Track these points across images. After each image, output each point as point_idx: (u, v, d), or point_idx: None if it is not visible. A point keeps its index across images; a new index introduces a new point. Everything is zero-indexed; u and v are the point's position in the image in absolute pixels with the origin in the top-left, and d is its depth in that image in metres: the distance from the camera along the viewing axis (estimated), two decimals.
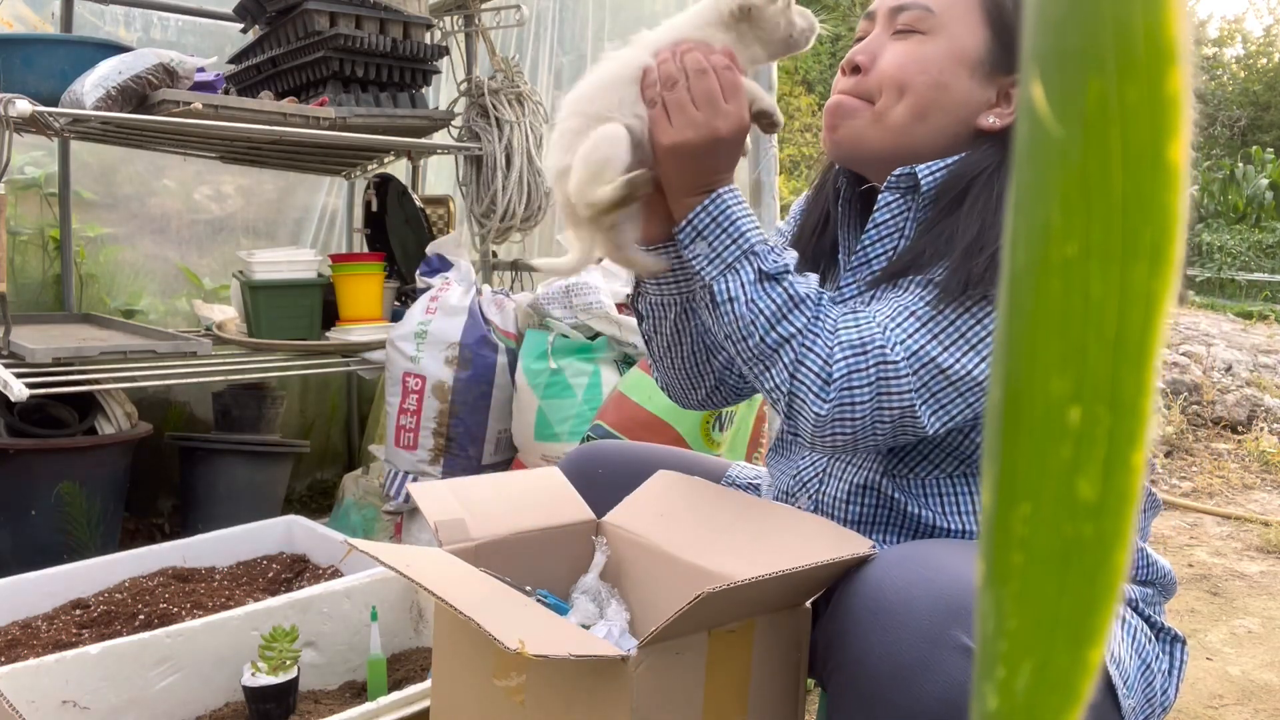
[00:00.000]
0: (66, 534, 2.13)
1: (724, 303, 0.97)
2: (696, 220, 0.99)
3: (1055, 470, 0.15)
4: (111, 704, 1.36)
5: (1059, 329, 0.15)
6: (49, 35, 2.60)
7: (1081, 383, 0.15)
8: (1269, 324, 7.22)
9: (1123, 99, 0.14)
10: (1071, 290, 0.15)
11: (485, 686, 0.95)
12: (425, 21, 2.51)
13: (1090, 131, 0.14)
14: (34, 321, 2.49)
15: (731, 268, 0.97)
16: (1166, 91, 0.14)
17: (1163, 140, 0.14)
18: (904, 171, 1.04)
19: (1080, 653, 0.15)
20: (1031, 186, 0.15)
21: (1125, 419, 0.15)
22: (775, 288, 0.96)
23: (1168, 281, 0.15)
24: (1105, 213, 0.14)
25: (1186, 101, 0.14)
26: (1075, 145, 0.14)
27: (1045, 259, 0.15)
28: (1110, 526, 0.15)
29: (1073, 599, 0.15)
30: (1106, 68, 0.14)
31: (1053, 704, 0.15)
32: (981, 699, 0.16)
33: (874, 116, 1.06)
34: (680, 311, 1.13)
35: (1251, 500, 3.50)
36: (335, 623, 1.58)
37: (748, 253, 0.97)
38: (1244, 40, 23.49)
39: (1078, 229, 0.15)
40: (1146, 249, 0.14)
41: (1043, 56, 0.15)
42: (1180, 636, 1.07)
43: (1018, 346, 0.15)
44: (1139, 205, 0.14)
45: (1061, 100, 0.15)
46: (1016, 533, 0.15)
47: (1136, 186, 0.14)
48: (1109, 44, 0.14)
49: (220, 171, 3.06)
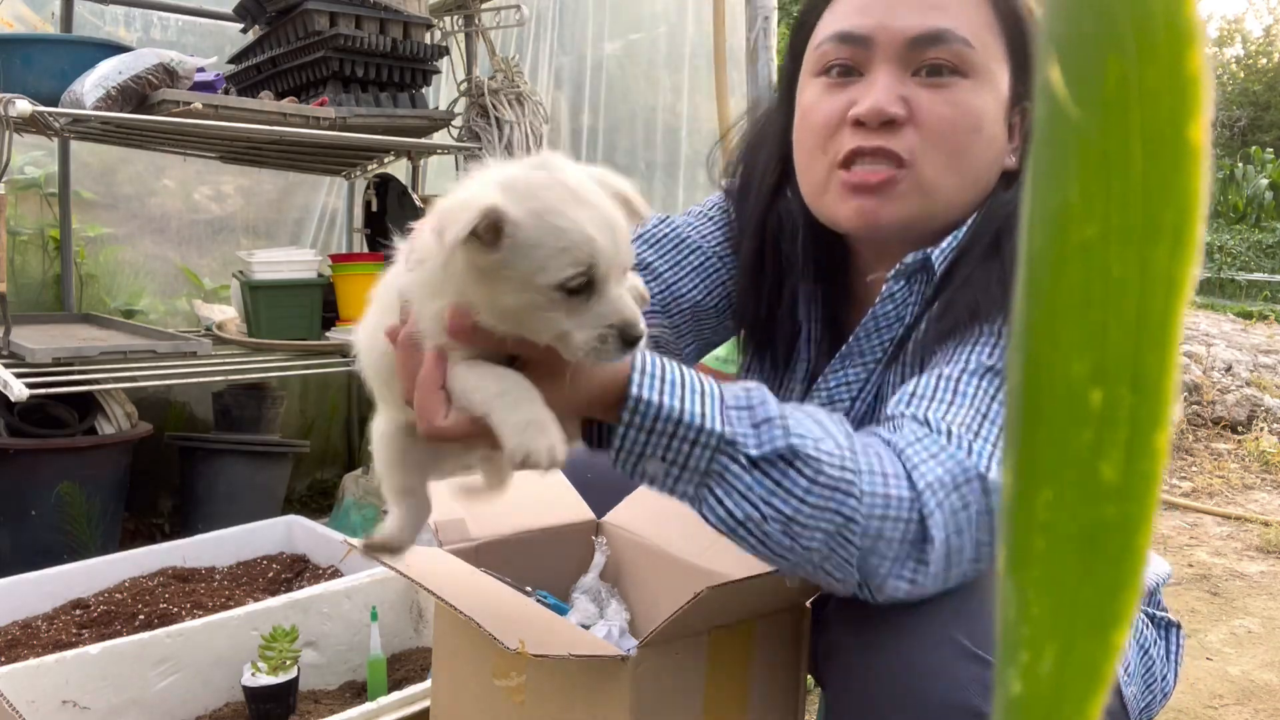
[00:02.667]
0: (66, 534, 2.13)
1: (734, 529, 0.71)
2: (626, 444, 0.69)
3: (1077, 454, 0.15)
4: (111, 704, 1.36)
5: (1079, 311, 0.15)
6: (49, 35, 2.60)
7: (1103, 365, 0.15)
8: (1269, 324, 7.22)
9: (1142, 80, 0.14)
10: (1091, 272, 0.15)
11: (486, 686, 0.95)
12: (425, 21, 2.51)
13: (1110, 112, 0.14)
14: (34, 321, 2.49)
15: (710, 476, 0.69)
16: (1187, 71, 0.14)
17: (1183, 120, 0.14)
18: (917, 258, 0.88)
19: (1105, 636, 0.15)
20: (1049, 169, 0.15)
21: (1148, 400, 0.15)
22: (787, 474, 0.69)
23: (1189, 262, 0.14)
24: (1125, 194, 0.14)
25: (1207, 82, 0.14)
26: (1094, 126, 0.14)
27: (1064, 241, 0.15)
28: (1134, 509, 0.15)
29: (1096, 583, 0.15)
30: (1126, 49, 0.14)
31: (1078, 687, 0.15)
32: (1004, 684, 0.16)
33: (917, 189, 0.86)
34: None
35: (1251, 500, 3.50)
36: (335, 623, 1.58)
37: (720, 448, 0.69)
38: (1244, 40, 23.53)
39: (1097, 211, 0.14)
40: (1167, 230, 0.14)
41: (1060, 39, 0.15)
42: (1175, 622, 1.07)
43: (1037, 329, 0.15)
44: (1160, 186, 0.14)
45: (1080, 82, 0.14)
46: (1039, 518, 0.15)
47: (1157, 167, 0.14)
48: (1128, 26, 0.14)
49: (220, 171, 3.06)
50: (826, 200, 0.90)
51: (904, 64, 0.86)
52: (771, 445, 0.69)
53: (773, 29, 2.32)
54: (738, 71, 2.66)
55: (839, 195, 0.88)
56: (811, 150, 0.91)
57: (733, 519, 0.70)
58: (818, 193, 0.91)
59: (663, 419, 0.68)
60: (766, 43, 2.31)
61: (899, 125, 0.85)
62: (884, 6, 0.86)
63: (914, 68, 0.86)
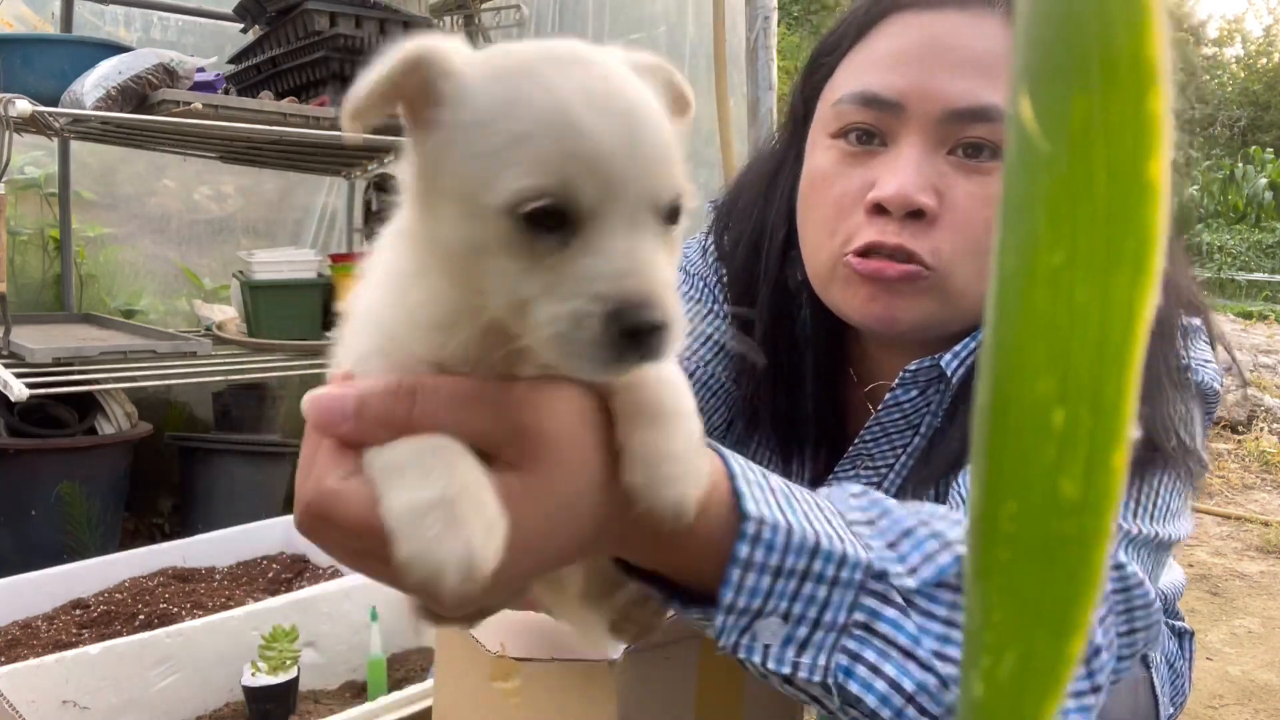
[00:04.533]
0: (66, 534, 2.14)
1: (899, 712, 0.50)
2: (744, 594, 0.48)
3: (1040, 470, 0.16)
4: (111, 704, 1.36)
5: (1045, 333, 0.16)
6: (49, 35, 2.60)
7: (1065, 385, 0.15)
8: (1269, 324, 7.22)
9: (1106, 117, 0.15)
10: (1058, 297, 0.15)
11: (484, 688, 0.96)
12: (425, 21, 2.52)
13: (1076, 147, 0.15)
14: (34, 321, 2.49)
15: (852, 631, 0.49)
16: (1148, 110, 0.15)
17: (1144, 157, 0.15)
18: (924, 365, 0.76)
19: (1062, 643, 0.16)
20: (1020, 198, 0.16)
21: (1106, 421, 0.15)
22: (957, 604, 0.50)
23: (1148, 290, 0.15)
24: (1090, 224, 0.15)
25: (1167, 120, 0.15)
26: (1062, 160, 0.15)
27: (1033, 267, 0.16)
28: (1091, 524, 0.16)
29: (1055, 593, 0.16)
30: (1091, 86, 0.15)
31: (1035, 691, 0.16)
32: (968, 686, 0.16)
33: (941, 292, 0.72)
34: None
35: (1251, 500, 3.51)
36: (335, 623, 1.59)
37: (865, 585, 0.49)
38: (1244, 40, 23.54)
39: (1064, 239, 0.15)
40: (1129, 259, 0.15)
41: (1031, 73, 0.15)
42: (1188, 630, 1.08)
43: (1004, 349, 0.16)
44: (1122, 218, 0.15)
45: (1048, 117, 0.15)
46: (1003, 530, 0.16)
47: (1120, 200, 0.15)
48: (1094, 64, 0.15)
49: (220, 171, 3.06)
50: (834, 288, 0.77)
51: (938, 139, 0.71)
52: (932, 568, 0.49)
53: (773, 29, 2.33)
54: (738, 71, 2.66)
55: (848, 283, 0.75)
56: (819, 226, 0.77)
57: (901, 693, 0.49)
58: (825, 277, 0.77)
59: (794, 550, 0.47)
60: (766, 43, 2.32)
61: (927, 218, 0.71)
62: (921, 65, 0.71)
63: (950, 145, 0.71)
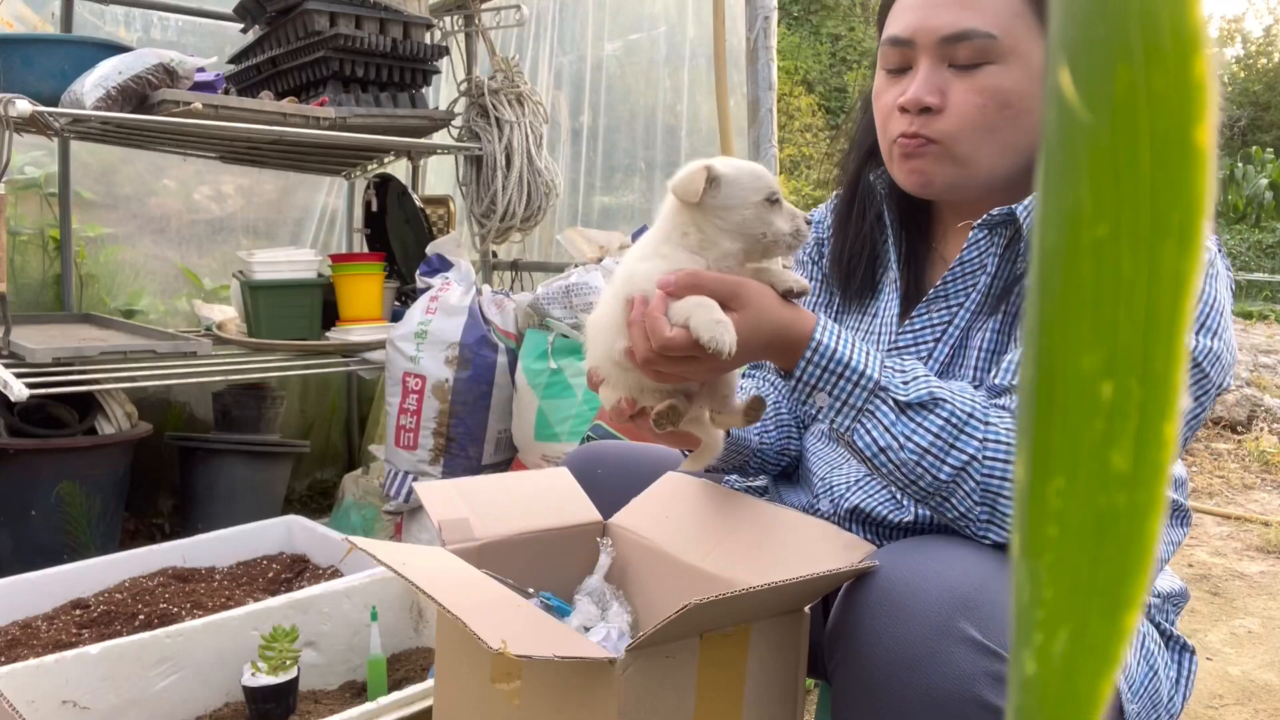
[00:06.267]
0: (66, 534, 2.13)
1: (875, 455, 0.89)
2: (805, 376, 0.89)
3: (1089, 443, 0.15)
4: (111, 704, 1.36)
5: (1090, 307, 0.15)
6: (49, 35, 2.60)
7: (1113, 359, 0.15)
8: (1269, 324, 7.23)
9: (1150, 86, 0.15)
10: (1102, 270, 0.15)
11: (485, 688, 0.95)
12: (425, 21, 2.52)
13: (1119, 118, 0.15)
14: (34, 321, 2.49)
15: (864, 412, 0.88)
16: (1193, 78, 0.14)
17: (1190, 124, 0.15)
18: (1002, 212, 1.00)
19: (1116, 618, 0.15)
20: (1061, 171, 0.15)
21: (1156, 392, 0.15)
22: (928, 417, 0.87)
23: (1195, 260, 0.15)
24: (1134, 195, 0.15)
25: (1212, 87, 0.15)
26: (1104, 131, 0.15)
27: (1076, 240, 0.15)
28: (1143, 496, 0.15)
29: (1107, 567, 0.15)
30: (1134, 56, 0.14)
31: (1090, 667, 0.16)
32: (1019, 664, 0.16)
33: (951, 159, 1.01)
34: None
35: (1251, 500, 3.51)
36: (335, 623, 1.58)
37: (875, 390, 0.88)
38: (1244, 40, 23.57)
39: (1108, 211, 0.15)
40: (1175, 229, 0.15)
41: (1070, 45, 0.15)
42: (1190, 646, 1.07)
43: (1050, 324, 0.16)
44: (1167, 187, 0.15)
45: (1090, 88, 0.15)
46: (1051, 505, 0.16)
47: (1164, 169, 0.15)
48: (1136, 33, 0.14)
49: (220, 171, 3.06)
50: (893, 166, 1.08)
51: (941, 58, 1.01)
52: (917, 395, 0.88)
53: (773, 29, 2.32)
54: (738, 71, 2.66)
55: (898, 161, 1.06)
56: (881, 128, 1.10)
57: (876, 446, 0.88)
58: (888, 160, 1.09)
59: (835, 361, 0.89)
60: (766, 43, 2.31)
61: (935, 112, 1.00)
62: (924, 10, 1.02)
63: (949, 61, 1.00)
